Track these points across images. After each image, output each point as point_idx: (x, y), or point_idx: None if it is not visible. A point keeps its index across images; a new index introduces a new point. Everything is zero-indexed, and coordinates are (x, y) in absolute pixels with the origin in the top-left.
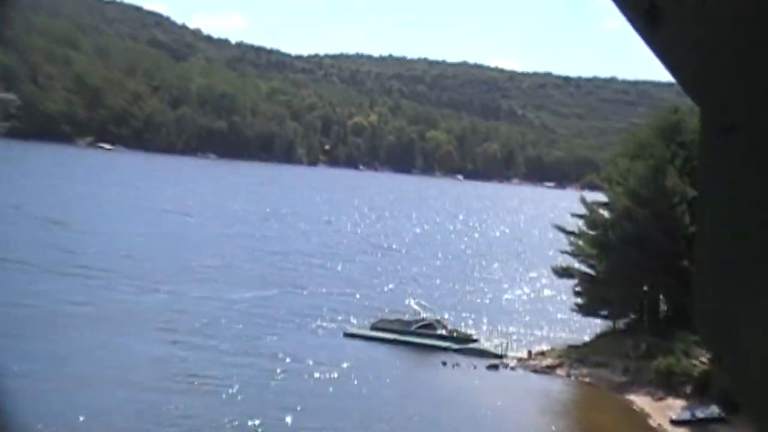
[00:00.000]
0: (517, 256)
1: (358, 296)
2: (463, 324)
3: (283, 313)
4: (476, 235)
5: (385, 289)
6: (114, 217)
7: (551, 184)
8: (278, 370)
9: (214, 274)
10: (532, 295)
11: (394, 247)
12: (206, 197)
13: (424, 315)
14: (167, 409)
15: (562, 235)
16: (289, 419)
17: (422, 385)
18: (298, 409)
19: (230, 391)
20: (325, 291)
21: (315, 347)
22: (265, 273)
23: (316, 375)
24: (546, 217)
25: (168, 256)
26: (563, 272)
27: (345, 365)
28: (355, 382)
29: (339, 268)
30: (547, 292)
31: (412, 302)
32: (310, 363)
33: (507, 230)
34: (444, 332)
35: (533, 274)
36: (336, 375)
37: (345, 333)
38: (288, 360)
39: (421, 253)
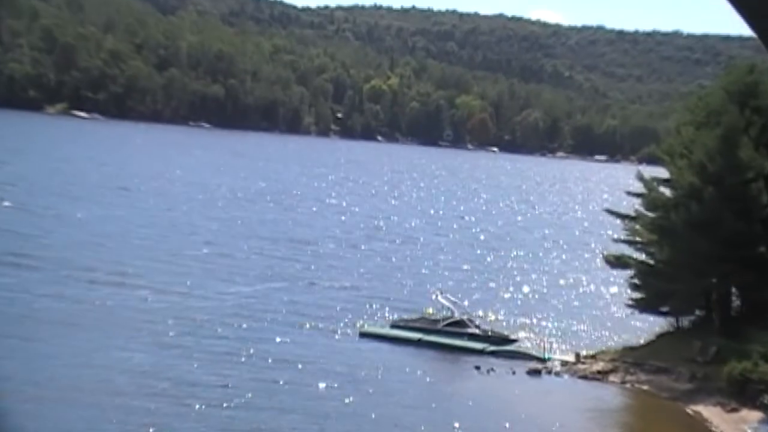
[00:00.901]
0: (562, 244)
1: (374, 290)
2: (498, 322)
3: (287, 311)
4: (515, 218)
5: (407, 281)
6: (84, 197)
7: (603, 158)
8: (283, 379)
9: (204, 265)
10: (580, 288)
11: (416, 232)
12: (196, 174)
13: (452, 311)
14: (154, 428)
15: (615, 219)
16: None
17: (451, 395)
18: (307, 424)
19: (228, 404)
20: (335, 284)
21: (325, 350)
22: (265, 264)
23: (327, 384)
24: (596, 198)
25: (149, 244)
26: (617, 262)
27: (361, 371)
28: (372, 392)
29: (351, 258)
30: (597, 285)
31: (439, 296)
32: (321, 369)
33: (550, 213)
34: (477, 331)
35: (581, 265)
36: (350, 383)
37: (361, 333)
38: (294, 366)
39: (449, 239)
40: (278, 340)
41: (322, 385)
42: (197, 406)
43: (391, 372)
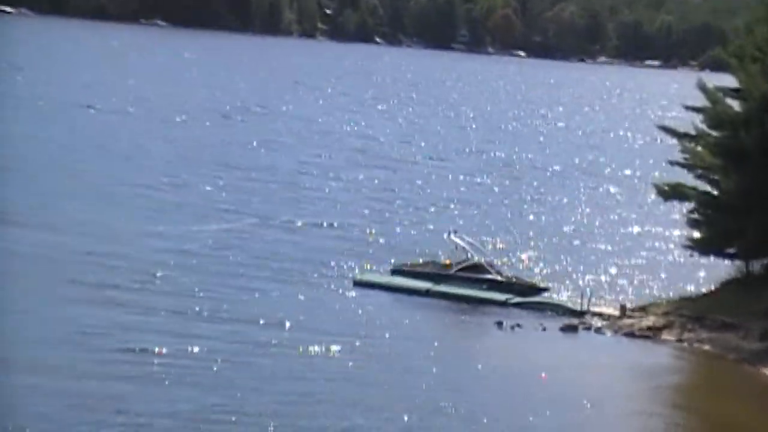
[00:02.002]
0: (604, 171)
1: (369, 228)
2: (525, 267)
3: (262, 256)
4: (545, 140)
5: (409, 218)
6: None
7: (655, 63)
8: (263, 343)
9: (158, 199)
10: (626, 226)
11: (421, 158)
12: (149, 85)
13: (468, 254)
14: (104, 403)
15: (670, 139)
16: (280, 418)
17: (467, 357)
18: (295, 401)
19: (195, 377)
20: (320, 222)
21: (312, 304)
22: (234, 197)
23: (317, 347)
24: (647, 113)
25: (87, 172)
26: (672, 192)
27: (357, 330)
28: (372, 355)
29: (339, 189)
30: (647, 221)
31: (452, 236)
32: (308, 329)
33: (589, 133)
34: (498, 278)
35: (627, 197)
36: (345, 345)
37: (355, 281)
38: (276, 325)
39: (462, 166)
40: (254, 293)
41: (311, 349)
42: (157, 380)
43: (393, 330)
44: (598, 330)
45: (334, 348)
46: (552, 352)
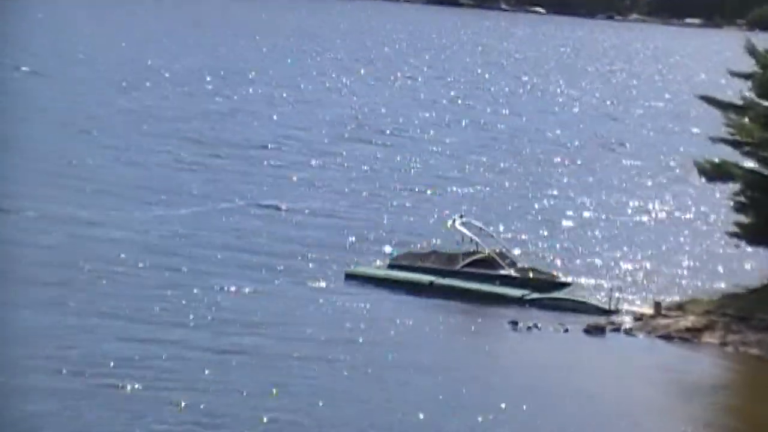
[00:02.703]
0: (635, 148)
1: (361, 214)
2: (543, 258)
3: (238, 246)
4: (561, 109)
5: (408, 201)
6: None
7: (696, 21)
8: (244, 347)
9: (115, 179)
10: (661, 211)
11: (420, 132)
12: (105, 45)
13: (477, 243)
14: (57, 418)
15: (712, 109)
16: None
17: (476, 364)
18: (285, 413)
19: (156, 386)
20: (304, 207)
21: (299, 302)
22: (204, 177)
23: (306, 351)
24: (686, 80)
25: (33, 146)
26: (715, 172)
27: (350, 332)
28: (367, 360)
29: (325, 167)
30: (686, 205)
31: (457, 223)
32: (295, 330)
33: (617, 101)
34: (512, 272)
35: (663, 177)
36: (337, 349)
37: (347, 275)
38: (258, 327)
39: (468, 140)
40: (227, 290)
41: (298, 354)
42: (115, 396)
43: (390, 332)
44: (629, 331)
45: (321, 355)
46: (575, 357)
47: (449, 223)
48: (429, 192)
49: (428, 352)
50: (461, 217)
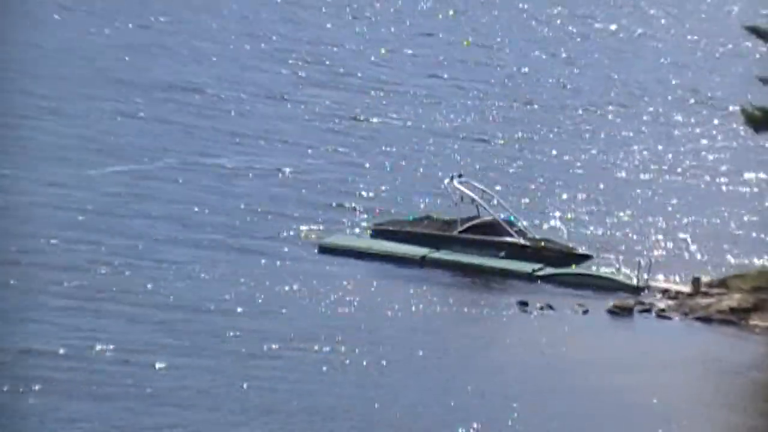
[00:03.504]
0: (666, 90)
1: (334, 173)
2: (557, 226)
3: (188, 212)
4: (578, 45)
5: (393, 157)
6: None
7: None
8: (202, 336)
9: (41, 133)
10: (699, 167)
11: (405, 74)
12: None
13: (478, 207)
14: None
15: (761, 44)
16: None
17: (476, 356)
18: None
19: (96, 381)
20: (269, 163)
21: (259, 280)
22: (142, 128)
23: (277, 340)
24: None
25: None
26: (766, 120)
27: (319, 317)
28: (350, 350)
29: (290, 117)
30: (730, 160)
31: (455, 182)
32: (252, 314)
33: (647, 35)
34: (520, 241)
35: (699, 128)
36: (313, 336)
37: (321, 246)
38: (207, 311)
39: (464, 84)
40: (177, 264)
41: (268, 345)
42: (48, 390)
43: (376, 317)
44: (662, 313)
45: (291, 345)
46: (598, 344)
47: (446, 181)
48: (416, 147)
49: (420, 342)
50: (460, 176)
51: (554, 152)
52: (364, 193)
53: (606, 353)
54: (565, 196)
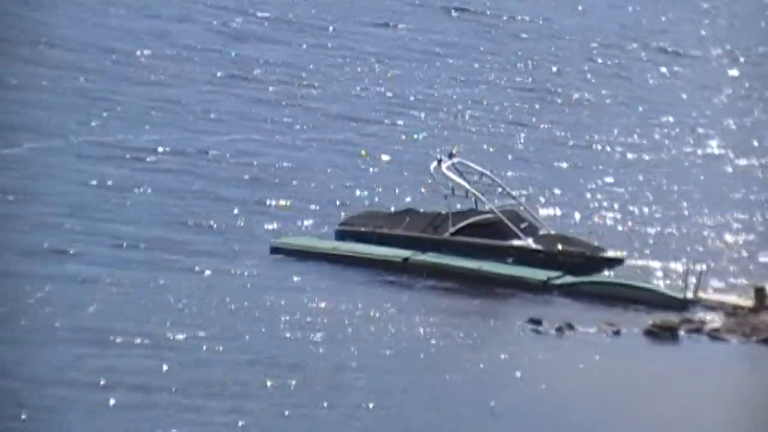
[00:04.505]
0: (708, 52)
1: (291, 154)
2: (578, 222)
3: (99, 203)
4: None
5: (363, 134)
6: None
7: None
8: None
9: None
10: (757, 149)
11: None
12: None
13: (475, 197)
14: None
15: None
16: None
17: (476, 395)
18: None
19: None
20: (203, 144)
21: (194, 291)
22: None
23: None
24: None
25: None
26: None
27: (270, 337)
28: (297, 391)
29: (230, 82)
30: None
31: (444, 165)
32: (186, 333)
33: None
34: (532, 242)
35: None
36: (258, 378)
37: (274, 248)
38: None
39: (460, 40)
40: (89, 272)
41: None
42: None
43: (343, 342)
44: (716, 334)
45: (226, 388)
46: (633, 375)
47: (433, 165)
48: (397, 119)
49: (399, 378)
50: (451, 156)
51: (569, 128)
52: (325, 181)
53: (642, 388)
54: (585, 183)
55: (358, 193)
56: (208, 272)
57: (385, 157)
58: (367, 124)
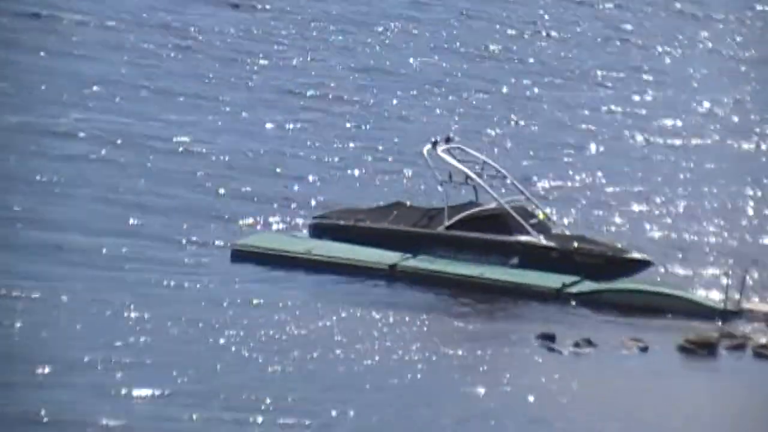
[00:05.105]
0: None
1: (254, 144)
2: (597, 218)
3: (50, 206)
4: None
5: (343, 117)
6: None
7: None
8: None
9: None
10: None
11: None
12: None
13: (476, 186)
14: None
15: None
16: None
17: (476, 426)
18: None
19: None
20: (155, 133)
21: (142, 306)
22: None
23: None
24: None
25: None
26: None
27: (231, 358)
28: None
29: (190, 61)
30: None
31: (439, 149)
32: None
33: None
34: (543, 240)
35: None
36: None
37: (235, 250)
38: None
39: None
40: (42, 275)
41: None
42: None
43: (322, 363)
44: (761, 350)
45: (185, 401)
46: (663, 400)
47: (426, 148)
48: (380, 101)
49: (389, 406)
50: (447, 141)
51: (585, 109)
52: (297, 173)
53: (677, 416)
54: (610, 173)
55: (337, 183)
56: (152, 286)
57: (362, 143)
58: (342, 102)
